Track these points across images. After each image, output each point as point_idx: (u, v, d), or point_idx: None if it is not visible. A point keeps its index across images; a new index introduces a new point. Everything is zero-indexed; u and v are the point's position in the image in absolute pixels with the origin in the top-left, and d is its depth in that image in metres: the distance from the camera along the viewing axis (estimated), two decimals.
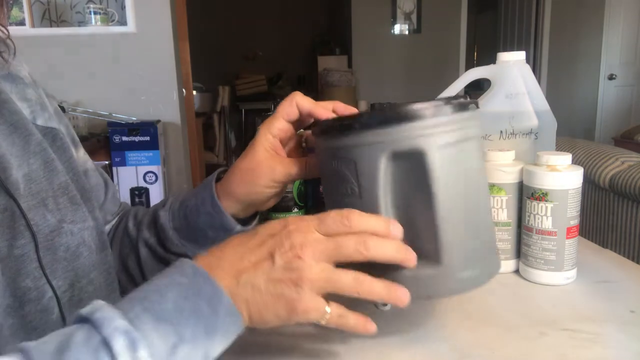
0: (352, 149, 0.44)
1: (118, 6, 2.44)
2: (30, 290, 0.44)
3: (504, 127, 0.73)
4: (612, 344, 0.51)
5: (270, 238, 0.41)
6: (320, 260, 0.40)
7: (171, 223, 0.57)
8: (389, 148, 0.43)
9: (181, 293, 0.36)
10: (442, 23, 5.00)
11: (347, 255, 0.40)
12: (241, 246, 0.41)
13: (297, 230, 0.40)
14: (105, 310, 0.34)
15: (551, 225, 0.63)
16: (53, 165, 0.50)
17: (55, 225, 0.47)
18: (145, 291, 0.37)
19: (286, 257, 0.39)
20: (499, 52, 0.76)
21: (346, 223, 0.41)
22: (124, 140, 2.23)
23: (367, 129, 0.43)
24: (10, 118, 0.48)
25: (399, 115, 0.42)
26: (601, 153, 1.78)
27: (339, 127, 0.45)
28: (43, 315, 0.45)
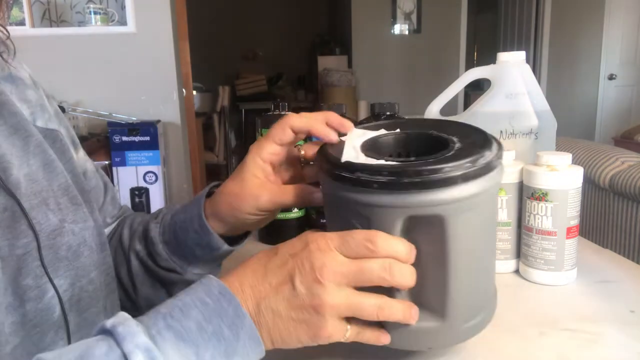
0: (367, 206, 0.40)
1: (118, 6, 2.44)
2: (31, 289, 0.44)
3: (504, 127, 0.73)
4: (612, 344, 0.51)
5: (291, 258, 0.40)
6: (342, 285, 0.39)
7: (161, 237, 0.56)
8: (408, 213, 0.40)
9: (205, 313, 0.36)
10: (442, 23, 5.00)
11: (369, 281, 0.39)
12: (262, 267, 0.40)
13: (318, 249, 0.39)
14: (128, 324, 0.34)
15: (551, 225, 0.63)
16: (53, 166, 0.50)
17: (57, 224, 0.48)
18: (170, 307, 0.37)
19: (306, 281, 0.38)
20: (499, 52, 0.76)
21: (370, 247, 0.39)
22: (124, 140, 2.23)
23: (386, 191, 0.39)
24: (10, 119, 0.48)
25: (423, 183, 0.38)
26: (601, 153, 1.78)
27: (354, 180, 0.40)
28: (44, 314, 0.45)
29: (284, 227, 0.84)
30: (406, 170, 0.39)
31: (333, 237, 0.40)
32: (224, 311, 0.37)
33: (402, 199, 0.39)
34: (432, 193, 0.39)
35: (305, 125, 0.48)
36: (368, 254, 0.39)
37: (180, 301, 0.37)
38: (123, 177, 2.27)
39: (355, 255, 0.39)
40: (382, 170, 0.39)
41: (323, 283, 0.38)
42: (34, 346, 0.44)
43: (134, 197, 2.29)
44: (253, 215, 0.51)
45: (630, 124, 4.39)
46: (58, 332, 0.46)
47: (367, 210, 0.40)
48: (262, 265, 0.40)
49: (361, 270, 0.39)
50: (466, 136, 0.45)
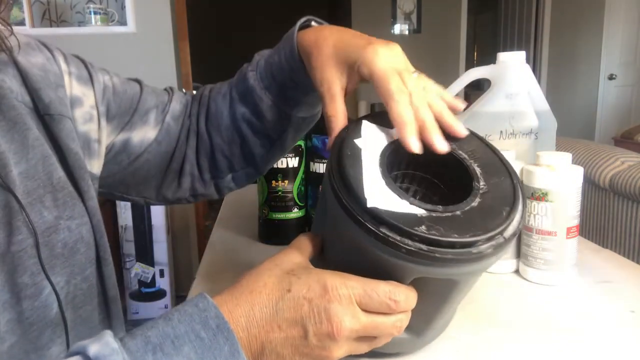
0: (381, 259, 0.38)
1: (118, 6, 2.44)
2: (27, 287, 0.44)
3: (504, 127, 0.73)
4: (612, 344, 0.51)
5: (307, 303, 0.37)
6: (351, 339, 0.38)
7: (260, 83, 0.57)
8: (426, 272, 0.39)
9: (198, 350, 0.34)
10: (442, 23, 5.00)
11: (379, 336, 0.40)
12: (272, 305, 0.37)
13: (338, 301, 0.37)
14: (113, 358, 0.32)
15: (551, 225, 0.63)
16: (52, 160, 0.49)
17: (51, 222, 0.47)
18: (162, 336, 0.34)
19: (320, 334, 0.37)
20: (499, 52, 0.76)
21: (393, 307, 0.39)
22: None
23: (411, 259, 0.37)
24: (8, 113, 0.47)
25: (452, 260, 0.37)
26: (601, 153, 1.78)
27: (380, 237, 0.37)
28: (41, 311, 0.44)
29: (283, 227, 0.84)
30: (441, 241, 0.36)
31: (355, 287, 0.38)
32: (219, 349, 0.34)
33: (427, 269, 0.38)
34: (460, 267, 0.38)
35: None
36: (387, 312, 0.39)
37: (172, 330, 0.34)
38: None
39: (374, 311, 0.39)
40: (414, 234, 0.36)
41: (337, 339, 0.37)
42: (31, 344, 0.44)
43: None
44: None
45: (630, 124, 4.39)
46: (56, 330, 0.46)
47: (384, 263, 0.38)
48: (272, 301, 0.38)
49: (375, 327, 0.39)
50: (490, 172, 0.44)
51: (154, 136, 0.62)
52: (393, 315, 0.39)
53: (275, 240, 0.85)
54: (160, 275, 2.37)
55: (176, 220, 2.59)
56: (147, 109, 0.62)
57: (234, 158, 0.64)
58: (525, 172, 0.65)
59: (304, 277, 0.38)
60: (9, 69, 0.50)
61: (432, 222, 0.37)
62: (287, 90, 0.57)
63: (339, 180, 0.40)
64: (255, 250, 0.83)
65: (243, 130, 0.61)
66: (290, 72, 0.55)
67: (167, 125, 0.63)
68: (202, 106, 0.64)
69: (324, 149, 0.81)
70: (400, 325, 0.40)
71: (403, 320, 0.40)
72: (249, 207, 0.98)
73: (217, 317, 0.35)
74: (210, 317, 0.35)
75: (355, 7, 4.94)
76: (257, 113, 0.59)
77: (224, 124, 0.62)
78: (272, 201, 0.83)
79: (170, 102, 0.64)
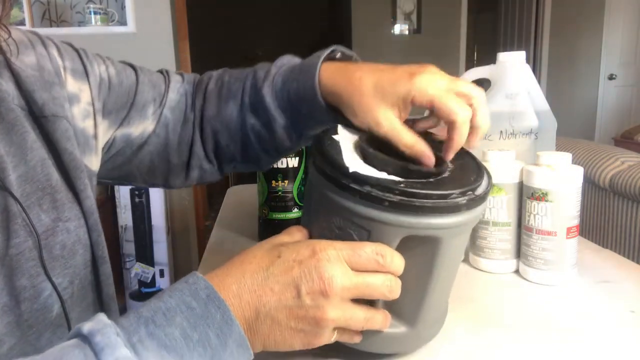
0: (370, 221, 0.41)
1: (118, 6, 2.44)
2: (26, 289, 0.44)
3: (504, 127, 0.73)
4: (612, 344, 0.51)
5: (297, 265, 0.38)
6: (345, 298, 0.39)
7: (275, 102, 0.57)
8: (408, 232, 0.41)
9: (190, 319, 0.34)
10: (442, 23, 5.00)
11: (370, 295, 0.40)
12: (262, 271, 0.39)
13: (327, 260, 0.38)
14: (107, 333, 0.32)
15: (551, 225, 0.63)
16: (48, 162, 0.49)
17: (49, 224, 0.47)
18: (153, 310, 0.35)
19: (313, 292, 0.38)
20: (499, 52, 0.76)
21: (380, 262, 0.40)
22: None
23: (395, 210, 0.40)
24: (7, 116, 0.47)
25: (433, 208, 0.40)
26: (601, 153, 1.78)
27: (363, 194, 0.40)
28: (40, 314, 0.44)
29: (283, 227, 0.83)
30: (419, 193, 0.40)
31: (343, 248, 0.40)
32: (212, 317, 0.35)
33: (409, 219, 0.40)
34: (438, 217, 0.41)
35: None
36: (376, 268, 0.40)
37: (164, 304, 0.35)
38: None
39: (363, 269, 0.40)
40: (395, 189, 0.40)
41: (330, 296, 0.38)
42: (30, 346, 0.44)
43: (134, 197, 2.28)
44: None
45: (630, 124, 4.39)
46: (56, 332, 0.46)
47: (369, 224, 0.41)
48: (262, 267, 0.39)
49: (367, 286, 0.40)
50: (455, 157, 0.47)
51: (153, 129, 0.62)
52: (380, 274, 0.40)
53: None
54: (160, 276, 2.37)
55: (176, 221, 2.59)
56: (145, 103, 0.61)
57: (237, 156, 0.64)
58: (525, 172, 0.65)
59: (292, 245, 0.41)
60: (5, 72, 0.50)
61: (409, 184, 0.41)
62: (303, 117, 0.57)
63: (320, 159, 0.44)
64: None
65: (251, 139, 0.61)
66: (309, 106, 0.54)
67: (164, 118, 0.62)
68: (209, 102, 0.63)
69: None
70: (390, 285, 0.41)
71: (392, 281, 0.41)
72: (249, 207, 0.98)
73: (206, 287, 0.36)
74: (200, 289, 0.36)
75: (355, 7, 4.94)
76: (269, 128, 0.59)
77: (233, 128, 0.61)
78: (272, 201, 0.83)
79: (167, 92, 0.64)
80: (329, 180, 0.42)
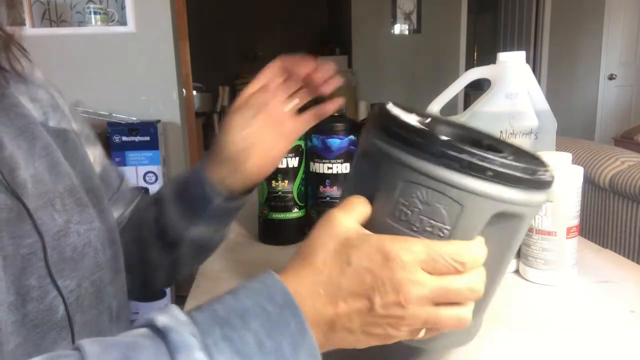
0: (466, 192, 0.37)
1: (118, 6, 2.44)
2: (34, 289, 0.44)
3: (504, 127, 0.73)
4: (612, 344, 0.51)
5: (369, 274, 0.36)
6: (423, 305, 0.36)
7: (171, 195, 0.59)
8: (501, 207, 0.38)
9: (265, 325, 0.34)
10: (442, 23, 5.00)
11: (453, 300, 0.37)
12: (335, 280, 0.37)
13: (402, 268, 0.35)
14: (183, 333, 0.32)
15: (551, 225, 0.63)
16: (59, 168, 0.50)
17: (62, 225, 0.48)
18: (228, 311, 0.34)
19: (387, 304, 0.36)
20: (498, 52, 0.76)
21: (460, 269, 0.37)
22: (124, 140, 2.23)
23: (496, 181, 0.37)
24: (17, 121, 0.48)
25: (534, 182, 0.38)
26: (601, 153, 1.78)
27: (464, 163, 0.37)
28: (45, 314, 0.45)
29: (283, 227, 0.84)
30: (519, 166, 0.37)
31: (418, 252, 0.36)
32: (287, 325, 0.34)
33: (509, 193, 0.37)
34: (534, 193, 0.38)
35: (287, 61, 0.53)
36: (456, 273, 0.37)
37: (239, 303, 0.34)
38: None
39: (442, 273, 0.37)
40: (495, 159, 0.37)
41: (405, 307, 0.36)
42: (35, 346, 0.44)
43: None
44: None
45: (630, 124, 4.39)
46: (61, 333, 0.46)
47: (464, 197, 0.37)
48: (334, 278, 0.37)
49: (447, 292, 0.37)
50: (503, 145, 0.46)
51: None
52: (462, 276, 0.37)
53: (275, 240, 0.85)
54: None
55: None
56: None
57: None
58: None
59: (362, 247, 0.37)
60: (22, 86, 0.52)
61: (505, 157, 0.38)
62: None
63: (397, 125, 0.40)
64: (255, 250, 0.83)
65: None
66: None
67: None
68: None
69: (324, 149, 0.81)
70: (475, 291, 0.37)
71: (479, 286, 0.37)
72: (249, 207, 0.98)
73: (282, 292, 0.35)
74: (277, 292, 0.35)
75: (355, 7, 4.94)
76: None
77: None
78: (272, 201, 0.83)
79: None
80: (418, 147, 0.38)
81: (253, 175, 0.56)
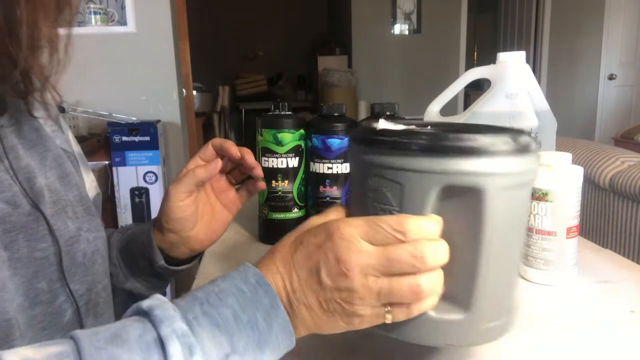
0: (400, 171, 0.39)
1: (118, 6, 2.44)
2: (43, 293, 0.45)
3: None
4: (612, 344, 0.51)
5: (314, 249, 0.39)
6: (369, 275, 0.37)
7: (118, 244, 0.63)
8: (445, 180, 0.38)
9: (241, 301, 0.37)
10: (442, 23, 5.00)
11: (400, 270, 0.37)
12: (289, 259, 0.40)
13: (342, 238, 0.38)
14: (165, 308, 0.35)
15: (551, 225, 0.63)
16: (68, 179, 0.52)
17: (74, 232, 0.50)
18: (207, 292, 0.37)
19: (332, 274, 0.37)
20: (498, 52, 0.76)
21: (402, 238, 0.37)
22: (124, 140, 2.23)
23: (424, 154, 0.38)
24: (30, 135, 0.51)
25: (463, 148, 0.37)
26: (601, 153, 1.78)
27: (391, 144, 0.39)
28: (52, 317, 0.46)
29: (283, 227, 0.84)
30: (447, 136, 0.37)
31: (358, 225, 0.38)
32: (260, 301, 0.37)
33: (441, 163, 0.37)
34: (472, 161, 0.37)
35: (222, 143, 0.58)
36: (397, 241, 0.37)
37: (216, 287, 0.38)
38: (123, 177, 2.27)
39: (383, 243, 0.37)
40: (422, 134, 0.38)
41: (349, 276, 0.37)
42: None
43: (134, 197, 2.28)
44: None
45: (630, 124, 4.39)
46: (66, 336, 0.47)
47: (401, 176, 0.39)
48: (289, 255, 0.40)
49: (389, 260, 0.37)
50: (497, 130, 0.45)
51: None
52: (406, 244, 0.37)
53: (275, 240, 0.83)
54: None
55: None
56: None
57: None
58: None
59: (313, 230, 0.41)
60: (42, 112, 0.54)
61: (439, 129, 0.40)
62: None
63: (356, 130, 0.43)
64: (255, 250, 0.83)
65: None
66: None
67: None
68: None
69: (324, 149, 0.81)
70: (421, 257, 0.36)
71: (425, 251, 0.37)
72: (249, 207, 0.98)
73: (255, 274, 0.39)
74: (250, 275, 0.39)
75: (355, 7, 4.94)
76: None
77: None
78: (272, 201, 0.83)
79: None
80: (361, 141, 0.42)
81: (195, 245, 0.61)
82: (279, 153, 0.81)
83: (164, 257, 0.60)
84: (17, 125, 0.50)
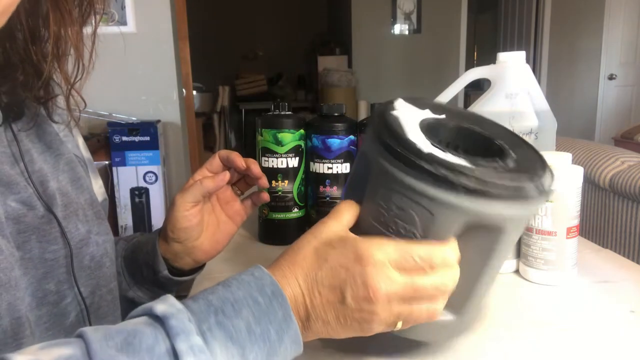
0: (438, 204, 0.39)
1: (118, 6, 2.44)
2: (51, 294, 0.46)
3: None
4: (612, 344, 0.51)
5: (342, 270, 0.39)
6: (393, 301, 0.39)
7: (123, 252, 0.64)
8: (474, 219, 0.40)
9: (255, 314, 0.37)
10: (442, 23, 5.00)
11: (422, 298, 0.40)
12: (313, 276, 0.40)
13: (373, 265, 0.38)
14: (181, 318, 0.34)
15: (551, 225, 0.63)
16: (79, 183, 0.53)
17: (84, 235, 0.50)
18: (222, 300, 0.37)
19: (357, 298, 0.38)
20: (499, 52, 0.76)
21: (428, 270, 0.40)
22: (124, 140, 2.23)
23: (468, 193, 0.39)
24: (44, 138, 0.51)
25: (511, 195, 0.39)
26: (601, 153, 1.78)
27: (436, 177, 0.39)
28: (57, 318, 0.46)
29: (283, 227, 0.84)
30: (493, 182, 0.39)
31: (390, 252, 0.39)
32: (274, 314, 0.37)
33: (482, 206, 0.39)
34: (508, 207, 0.40)
35: (228, 155, 0.59)
36: (425, 272, 0.40)
37: (232, 295, 0.37)
38: (123, 177, 2.27)
39: (410, 271, 0.40)
40: (470, 175, 0.38)
41: (374, 301, 0.38)
42: None
43: (134, 197, 2.29)
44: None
45: (630, 124, 4.38)
46: (69, 337, 0.47)
47: (437, 208, 0.40)
48: (313, 272, 0.40)
49: (415, 290, 0.39)
50: (516, 145, 0.47)
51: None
52: (431, 276, 0.40)
53: (275, 240, 0.85)
54: None
55: None
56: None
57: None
58: None
59: (339, 246, 0.40)
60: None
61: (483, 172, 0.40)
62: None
63: (388, 135, 0.42)
64: (255, 250, 0.83)
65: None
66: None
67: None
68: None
69: (324, 149, 0.81)
70: (443, 290, 0.40)
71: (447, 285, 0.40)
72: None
73: (272, 284, 0.38)
74: (266, 284, 0.38)
75: (355, 7, 4.94)
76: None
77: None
78: (272, 201, 0.83)
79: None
80: (398, 158, 0.40)
81: (199, 256, 0.61)
82: (279, 153, 0.81)
83: (168, 267, 0.61)
84: (32, 130, 0.50)
